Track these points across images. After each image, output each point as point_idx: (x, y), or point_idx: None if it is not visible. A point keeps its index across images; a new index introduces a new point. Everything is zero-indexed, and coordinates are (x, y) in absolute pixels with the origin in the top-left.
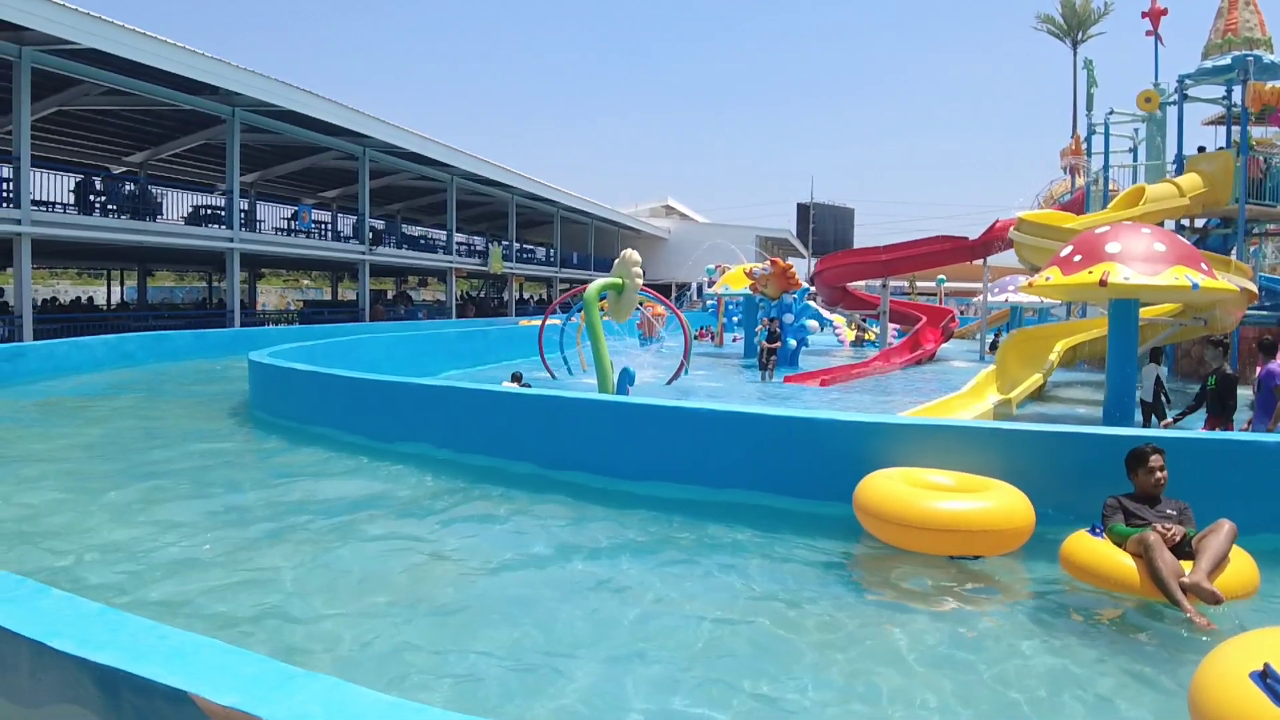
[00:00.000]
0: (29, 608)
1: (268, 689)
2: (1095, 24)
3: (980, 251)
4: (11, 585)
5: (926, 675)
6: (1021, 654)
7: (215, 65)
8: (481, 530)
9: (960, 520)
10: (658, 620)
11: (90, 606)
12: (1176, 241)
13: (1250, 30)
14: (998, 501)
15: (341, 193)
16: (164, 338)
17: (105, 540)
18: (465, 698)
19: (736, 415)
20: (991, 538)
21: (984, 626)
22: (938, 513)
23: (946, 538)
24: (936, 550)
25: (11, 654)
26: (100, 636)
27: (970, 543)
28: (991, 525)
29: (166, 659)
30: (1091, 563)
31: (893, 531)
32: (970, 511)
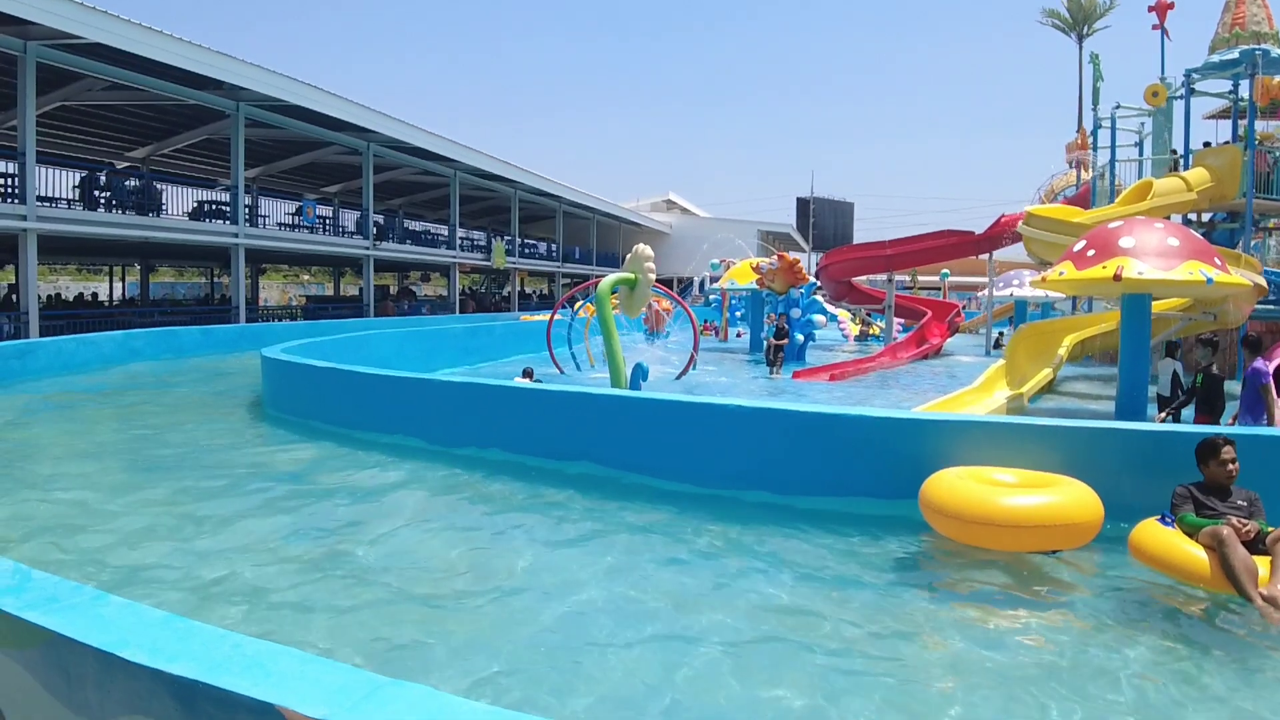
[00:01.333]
0: (90, 615)
1: (356, 699)
2: (1101, 18)
3: (986, 246)
4: (69, 592)
5: (1006, 672)
6: (1096, 647)
7: (221, 59)
8: (561, 538)
9: (1039, 516)
10: (735, 627)
11: (155, 614)
12: (1190, 236)
13: (1258, 24)
14: (1071, 496)
15: (343, 188)
16: (171, 334)
17: (145, 547)
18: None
19: (786, 414)
20: (1067, 532)
21: (1056, 620)
22: (1016, 509)
23: (1025, 533)
24: (1014, 547)
25: (77, 664)
26: (171, 646)
27: (1047, 538)
28: (1068, 519)
29: (246, 670)
30: (1162, 552)
31: (967, 529)
32: (1047, 506)
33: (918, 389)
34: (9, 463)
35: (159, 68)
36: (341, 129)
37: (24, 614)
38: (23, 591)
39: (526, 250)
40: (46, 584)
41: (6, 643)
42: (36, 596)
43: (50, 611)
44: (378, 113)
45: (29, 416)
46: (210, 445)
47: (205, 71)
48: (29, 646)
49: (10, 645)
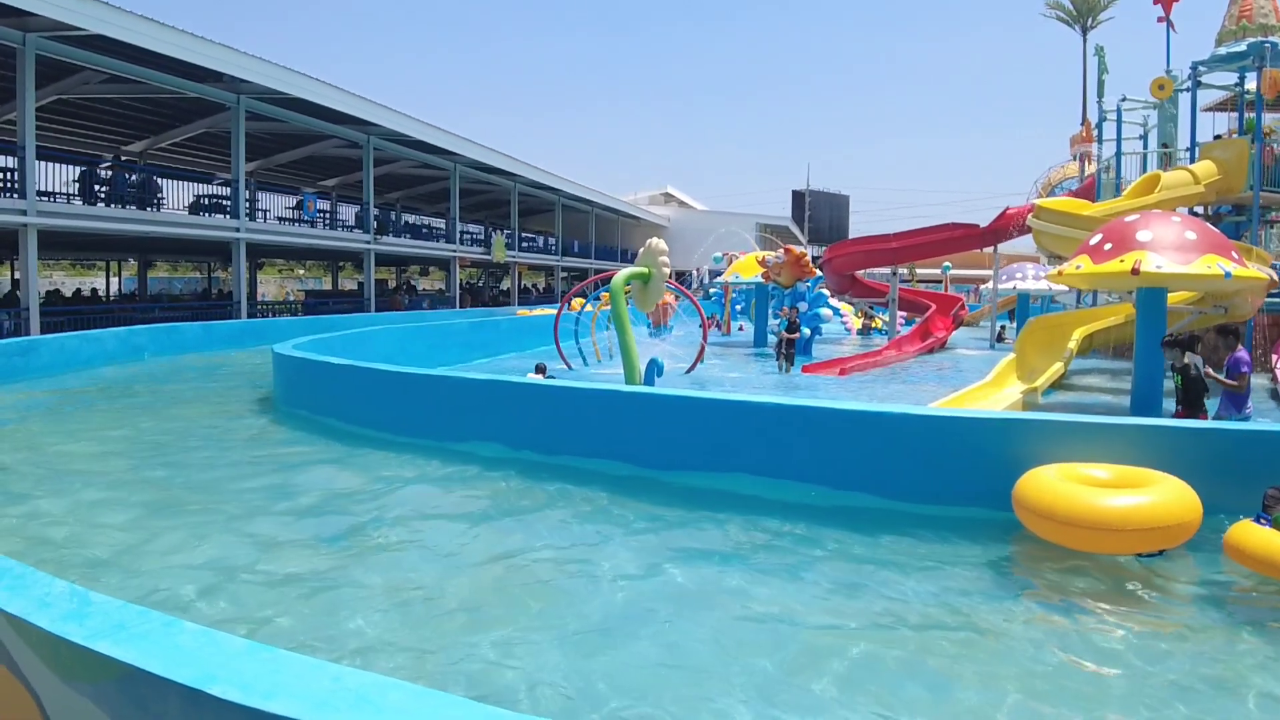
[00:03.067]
0: (165, 645)
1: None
2: (1104, 10)
3: (991, 239)
4: (136, 618)
5: (1112, 677)
6: (1202, 651)
7: (222, 51)
8: (624, 543)
9: (1141, 518)
10: (812, 635)
11: (237, 643)
12: (1207, 229)
13: (1265, 16)
14: (1171, 495)
15: (340, 181)
16: (173, 330)
17: (184, 558)
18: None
19: (867, 414)
20: (1169, 533)
21: (1163, 625)
22: (1118, 511)
23: (1127, 536)
24: (1116, 550)
25: (157, 701)
26: (263, 680)
27: (1150, 539)
28: (1171, 520)
29: (354, 706)
30: (1262, 551)
31: (1067, 531)
32: (1150, 507)
33: (929, 383)
34: (36, 474)
35: (159, 60)
36: (342, 122)
37: (93, 644)
38: (85, 618)
39: (526, 244)
40: (110, 609)
41: (74, 675)
42: (102, 624)
43: (121, 641)
44: (379, 105)
45: (47, 419)
46: (233, 448)
47: (207, 64)
48: (101, 680)
49: (79, 678)
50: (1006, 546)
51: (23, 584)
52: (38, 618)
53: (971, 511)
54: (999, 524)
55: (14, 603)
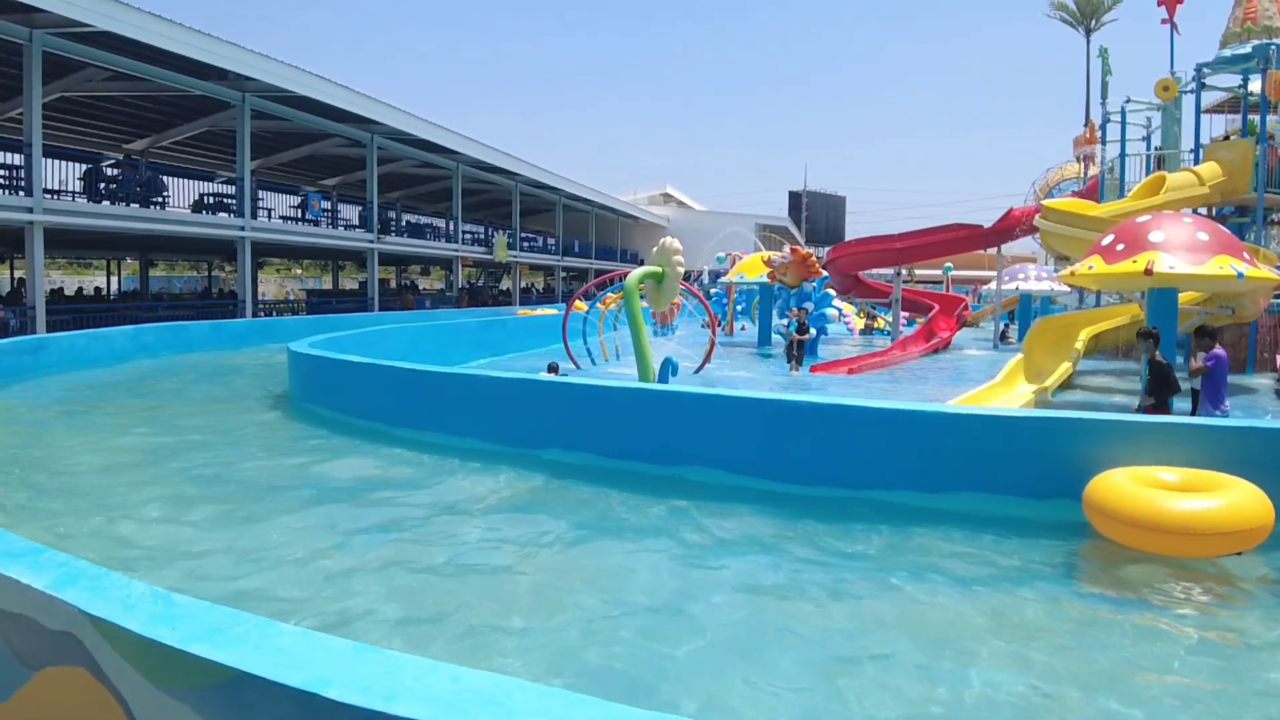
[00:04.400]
0: (267, 647)
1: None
2: (1108, 11)
3: (995, 239)
4: (228, 619)
5: (1190, 685)
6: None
7: (229, 49)
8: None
9: (1215, 522)
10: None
11: (341, 643)
12: (1218, 230)
13: (1270, 19)
14: (1244, 498)
15: (341, 181)
16: (181, 329)
17: (260, 558)
18: None
19: (945, 415)
20: (1243, 537)
21: (1237, 625)
22: (1192, 515)
23: (1201, 540)
24: (1191, 553)
25: (266, 706)
26: (379, 682)
27: (1224, 544)
28: (1245, 524)
29: (483, 709)
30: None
31: (1139, 535)
32: (1223, 510)
33: (938, 382)
34: (60, 478)
35: (165, 57)
36: (345, 120)
37: (190, 648)
38: (175, 620)
39: (526, 244)
40: (198, 610)
41: (168, 680)
42: (195, 626)
43: (221, 645)
44: (384, 104)
45: (51, 420)
46: (261, 448)
47: (214, 61)
48: (201, 685)
49: (173, 683)
50: (1076, 545)
51: (103, 586)
52: (126, 621)
53: (1042, 510)
54: (1071, 525)
55: (97, 605)
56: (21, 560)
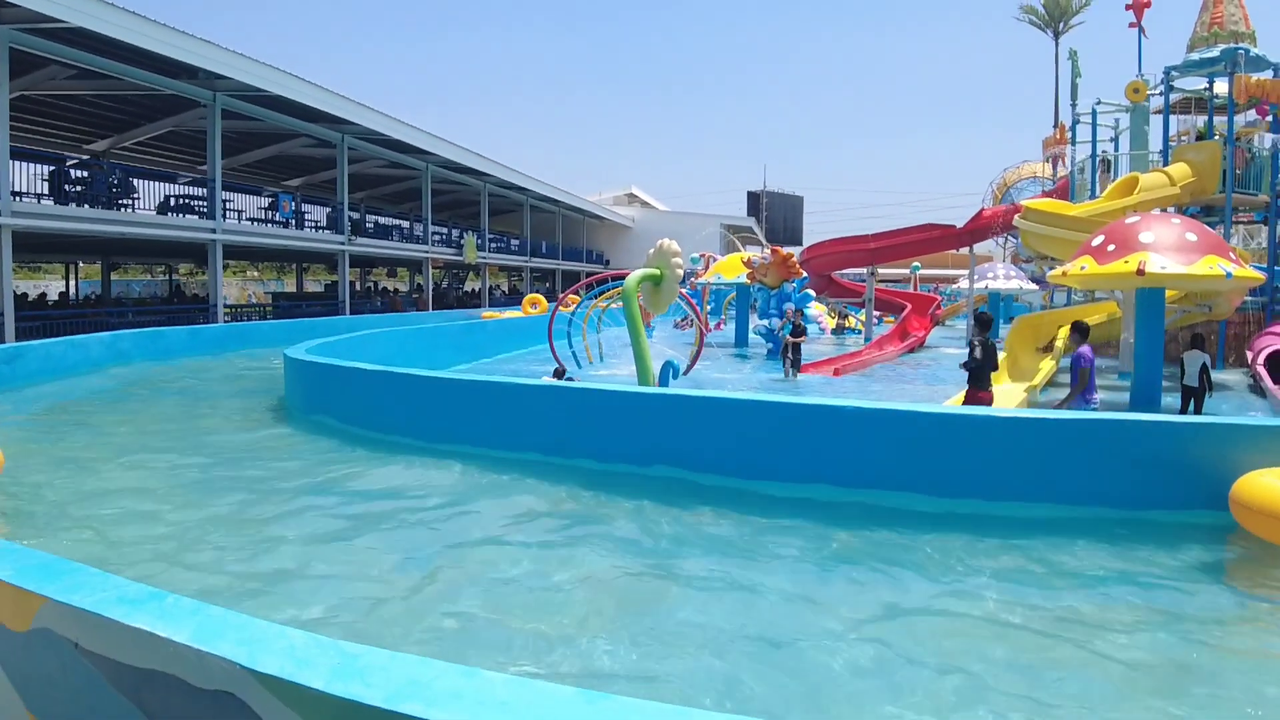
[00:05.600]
0: (489, 704)
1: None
2: (1077, 15)
3: (967, 239)
4: (425, 672)
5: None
6: None
7: (203, 46)
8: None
9: None
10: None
11: (563, 690)
12: (1206, 231)
13: (1235, 24)
14: None
15: (306, 181)
16: (159, 335)
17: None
18: None
19: (1082, 423)
20: None
21: None
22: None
23: None
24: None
25: None
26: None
27: None
28: None
29: None
30: None
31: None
32: None
33: (922, 381)
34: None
35: (137, 55)
36: (317, 120)
37: (402, 708)
38: (363, 675)
39: (494, 245)
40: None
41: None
42: (391, 681)
43: (435, 702)
44: (358, 104)
45: (38, 434)
46: (271, 461)
47: (187, 59)
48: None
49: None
50: (1224, 547)
51: (261, 637)
52: (306, 678)
53: (1183, 516)
54: (1215, 526)
55: (264, 660)
56: (147, 609)
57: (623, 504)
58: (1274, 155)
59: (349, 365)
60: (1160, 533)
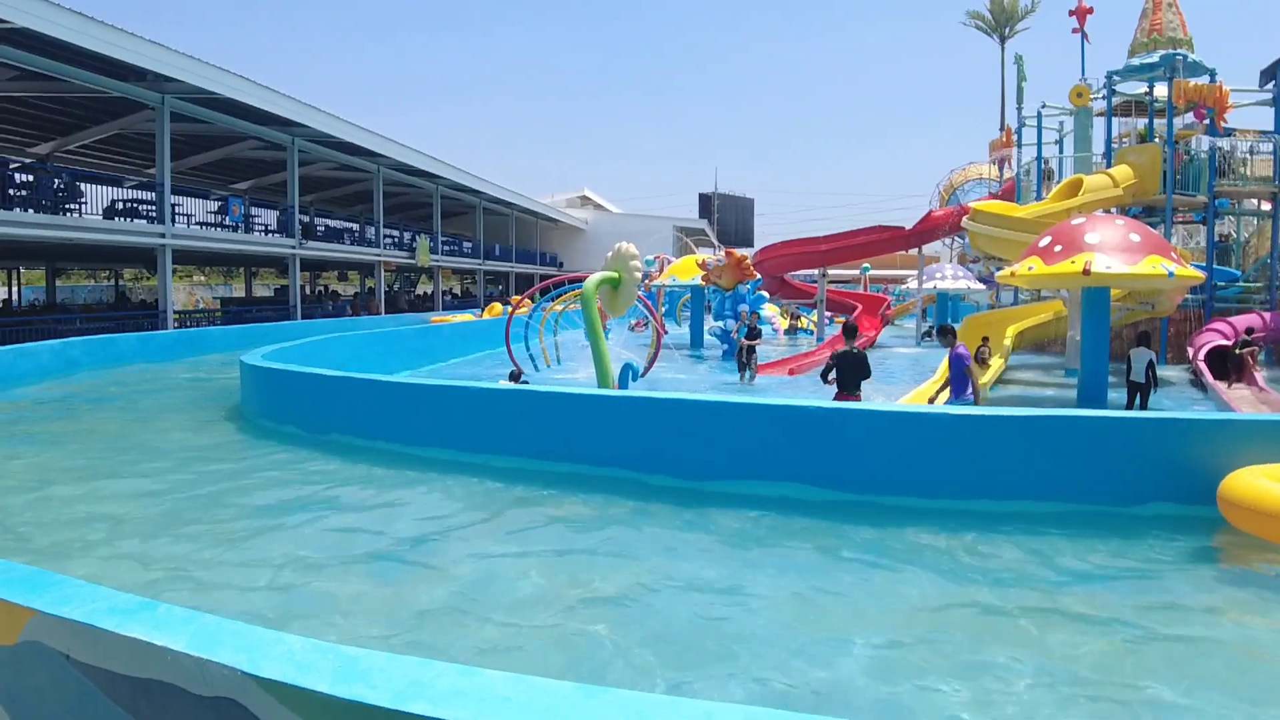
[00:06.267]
0: (490, 699)
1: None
2: (1022, 20)
3: (916, 240)
4: (425, 672)
5: None
6: None
7: (152, 48)
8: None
9: None
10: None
11: (561, 686)
12: (1148, 232)
13: (1173, 31)
14: None
15: (254, 184)
16: (109, 341)
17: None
18: None
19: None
20: None
21: None
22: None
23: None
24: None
25: None
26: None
27: None
28: None
29: None
30: None
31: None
32: None
33: (876, 381)
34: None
35: (84, 56)
36: (267, 123)
37: (408, 707)
38: (366, 677)
39: (448, 248)
40: (381, 663)
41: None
42: (394, 682)
43: (439, 701)
44: (309, 106)
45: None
46: (229, 469)
47: (136, 61)
48: None
49: None
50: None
51: (258, 643)
52: (310, 681)
53: (1169, 509)
54: (1202, 520)
55: (265, 666)
56: (141, 618)
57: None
58: (1211, 157)
59: (307, 371)
60: (1133, 525)
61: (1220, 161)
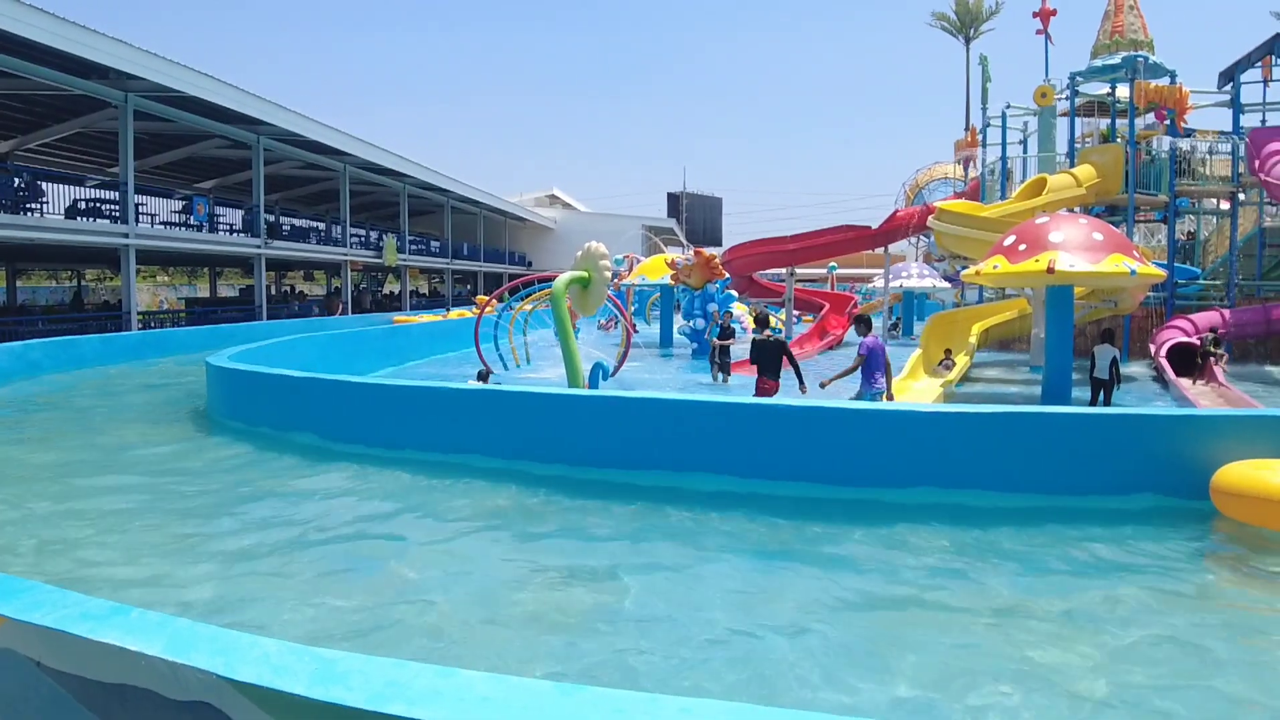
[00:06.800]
0: (469, 700)
1: None
2: (986, 21)
3: (882, 240)
4: (402, 673)
5: None
6: None
7: (115, 45)
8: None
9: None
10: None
11: (539, 685)
12: (1111, 231)
13: (1135, 33)
14: None
15: (219, 183)
16: (71, 343)
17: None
18: None
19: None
20: None
21: None
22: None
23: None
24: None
25: None
26: None
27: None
28: None
29: None
30: None
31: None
32: None
33: (845, 380)
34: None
35: (45, 54)
36: (232, 121)
37: (387, 709)
38: (344, 679)
39: (415, 247)
40: (359, 665)
41: None
42: (372, 683)
43: (418, 701)
44: (274, 104)
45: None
46: (196, 470)
47: (98, 58)
48: None
49: None
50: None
51: (234, 647)
52: (287, 684)
53: (1162, 502)
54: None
55: (242, 669)
56: (114, 623)
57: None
58: (1172, 157)
59: (274, 372)
60: (1128, 519)
61: (1180, 161)
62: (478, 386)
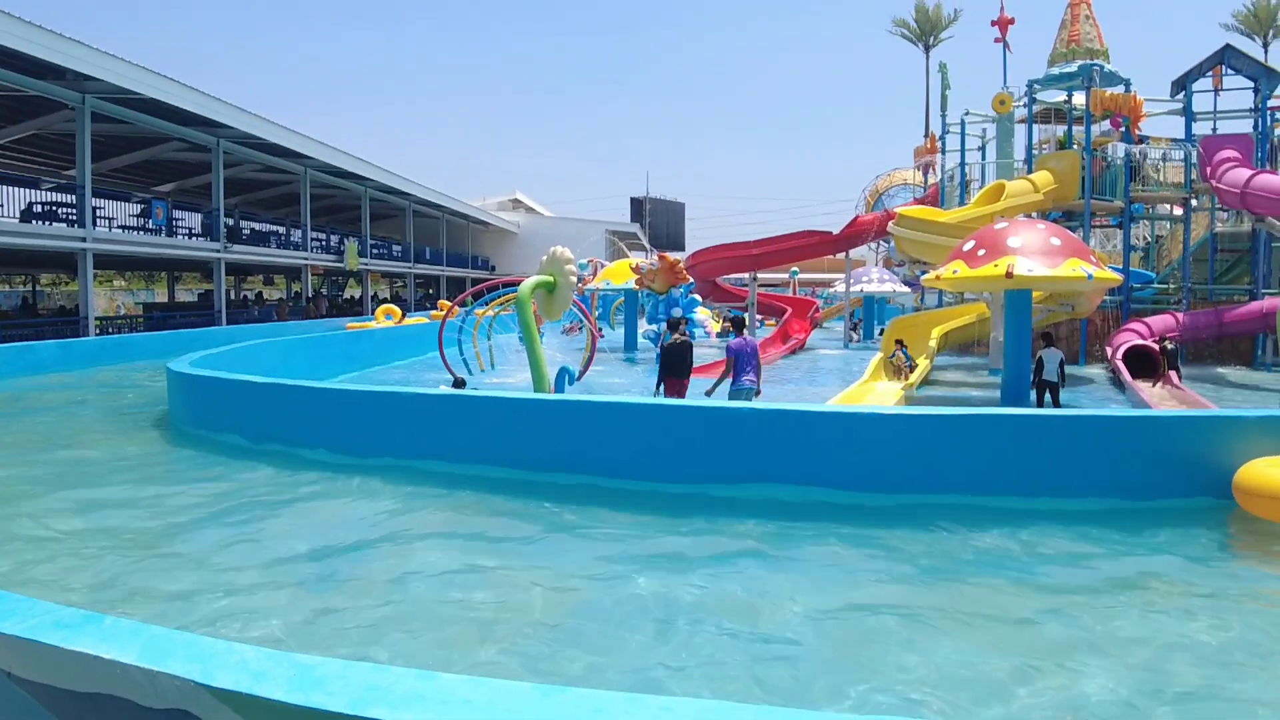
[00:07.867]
0: (452, 702)
1: None
2: (945, 29)
3: (844, 245)
4: (383, 678)
5: None
6: None
7: (72, 46)
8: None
9: None
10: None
11: (519, 686)
12: (1068, 236)
13: (1091, 41)
14: None
15: (177, 186)
16: (28, 349)
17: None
18: None
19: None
20: None
21: None
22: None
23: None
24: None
25: None
26: None
27: None
28: None
29: None
30: None
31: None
32: None
33: (808, 383)
34: None
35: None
36: (191, 123)
37: (368, 713)
38: (323, 684)
39: (376, 251)
40: (337, 670)
41: None
42: (352, 688)
43: (400, 705)
44: (234, 106)
45: None
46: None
47: (54, 59)
48: None
49: None
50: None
51: (211, 654)
52: (265, 690)
53: (1187, 502)
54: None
55: (219, 676)
56: (86, 631)
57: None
58: (1127, 163)
59: (237, 378)
60: (1142, 519)
61: (1135, 168)
62: (451, 392)
